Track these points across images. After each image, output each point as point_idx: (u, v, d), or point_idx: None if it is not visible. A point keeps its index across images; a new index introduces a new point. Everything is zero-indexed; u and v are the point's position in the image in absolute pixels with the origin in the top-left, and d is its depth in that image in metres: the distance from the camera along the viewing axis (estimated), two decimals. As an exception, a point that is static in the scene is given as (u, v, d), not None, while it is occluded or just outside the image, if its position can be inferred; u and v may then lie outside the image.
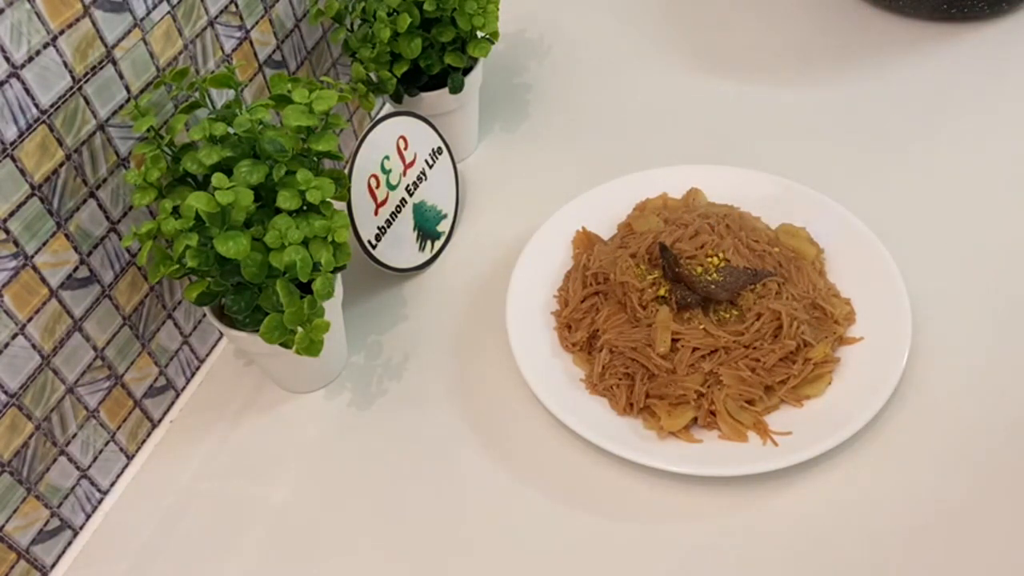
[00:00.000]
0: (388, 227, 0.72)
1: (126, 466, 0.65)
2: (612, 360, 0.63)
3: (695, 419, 0.60)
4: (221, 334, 0.72)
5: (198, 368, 0.71)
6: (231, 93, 0.67)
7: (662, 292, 0.65)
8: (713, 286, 0.63)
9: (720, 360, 0.61)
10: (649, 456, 0.58)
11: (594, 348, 0.64)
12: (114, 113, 0.58)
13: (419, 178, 0.75)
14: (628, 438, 0.59)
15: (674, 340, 0.62)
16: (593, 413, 0.61)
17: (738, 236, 0.67)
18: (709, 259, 0.66)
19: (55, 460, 0.58)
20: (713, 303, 0.63)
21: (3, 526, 0.55)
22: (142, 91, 0.60)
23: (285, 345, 0.57)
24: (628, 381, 0.62)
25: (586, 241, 0.72)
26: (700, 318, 0.63)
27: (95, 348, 0.60)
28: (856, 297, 0.65)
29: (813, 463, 0.58)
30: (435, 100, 0.78)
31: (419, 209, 0.75)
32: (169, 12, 0.61)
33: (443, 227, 0.77)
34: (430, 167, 0.76)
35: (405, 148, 0.73)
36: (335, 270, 0.60)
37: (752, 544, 0.56)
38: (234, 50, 0.68)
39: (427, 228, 0.76)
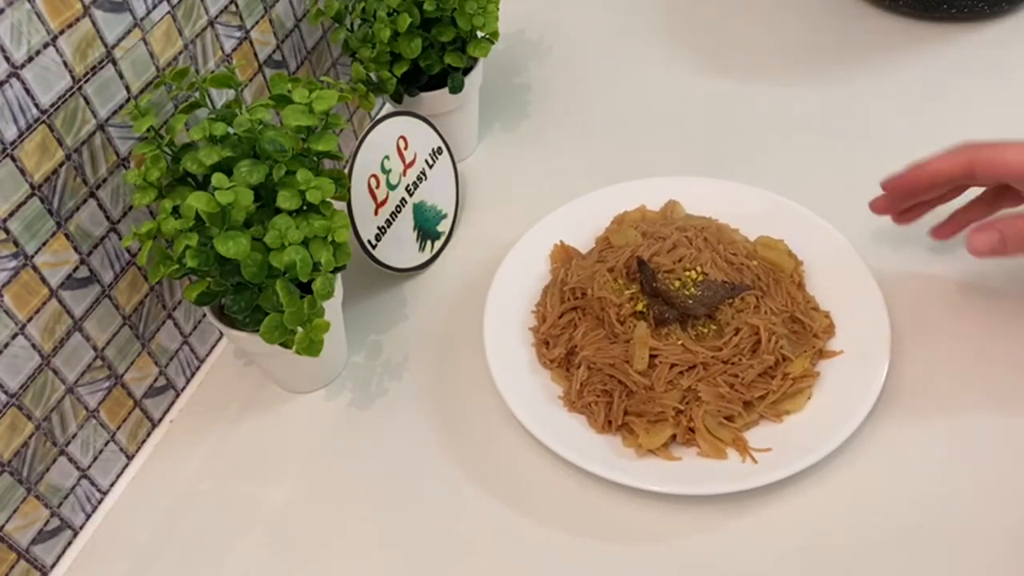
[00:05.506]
0: (388, 227, 0.72)
1: (126, 466, 0.65)
2: (590, 377, 0.62)
3: (674, 436, 0.59)
4: (221, 334, 0.72)
5: (198, 368, 0.71)
6: (231, 93, 0.67)
7: (640, 307, 0.63)
8: (691, 301, 0.63)
9: (698, 376, 0.60)
10: (627, 475, 0.57)
11: (572, 365, 0.63)
12: (114, 113, 0.58)
13: (419, 178, 0.75)
14: (607, 457, 0.59)
15: (652, 356, 0.61)
16: (572, 431, 0.60)
17: (716, 249, 0.66)
18: (687, 273, 0.65)
19: (55, 460, 0.58)
20: (691, 318, 0.62)
21: (3, 526, 0.55)
22: (142, 91, 0.60)
23: (285, 345, 0.57)
24: (606, 398, 0.61)
25: (564, 255, 0.71)
26: (678, 333, 0.62)
27: (95, 348, 0.60)
28: (835, 310, 0.65)
29: (793, 480, 0.57)
30: (435, 100, 0.78)
31: (419, 209, 0.75)
32: (169, 12, 0.61)
33: (443, 227, 0.77)
34: (430, 167, 0.76)
35: (405, 148, 0.73)
36: (335, 270, 0.60)
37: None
38: (234, 50, 0.68)
39: (427, 228, 0.76)
